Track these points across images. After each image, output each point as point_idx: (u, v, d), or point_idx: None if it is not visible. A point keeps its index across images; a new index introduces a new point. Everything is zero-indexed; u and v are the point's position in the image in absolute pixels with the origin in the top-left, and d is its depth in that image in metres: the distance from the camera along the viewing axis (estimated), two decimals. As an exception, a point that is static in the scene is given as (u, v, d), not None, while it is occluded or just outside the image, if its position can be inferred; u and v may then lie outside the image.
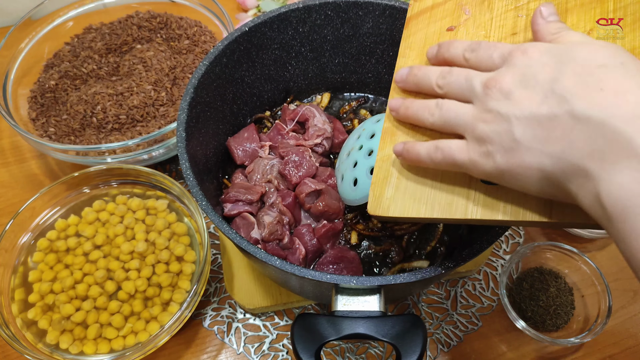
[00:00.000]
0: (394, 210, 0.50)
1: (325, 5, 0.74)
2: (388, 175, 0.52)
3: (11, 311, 0.69)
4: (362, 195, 0.67)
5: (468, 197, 0.47)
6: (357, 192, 0.68)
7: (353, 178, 0.69)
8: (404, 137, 0.53)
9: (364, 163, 0.67)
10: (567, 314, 0.75)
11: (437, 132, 0.49)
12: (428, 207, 0.48)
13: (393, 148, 0.52)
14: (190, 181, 0.59)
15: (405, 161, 0.51)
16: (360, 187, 0.67)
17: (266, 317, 0.77)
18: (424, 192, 0.49)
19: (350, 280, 0.52)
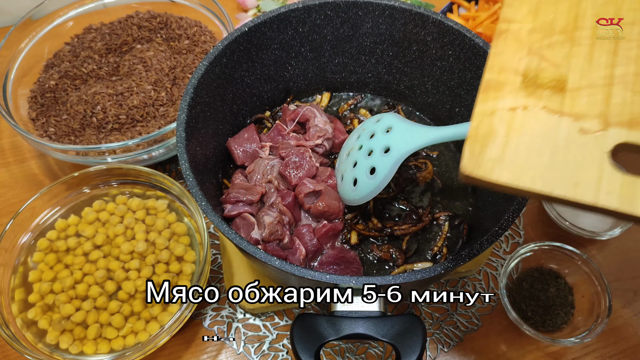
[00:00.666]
0: (499, 175, 0.40)
1: (324, 5, 0.74)
2: (492, 132, 0.43)
3: (11, 311, 0.69)
4: (362, 195, 0.67)
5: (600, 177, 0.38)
6: (357, 192, 0.68)
7: (353, 178, 0.68)
8: (511, 89, 0.45)
9: (364, 163, 0.67)
10: (567, 314, 0.75)
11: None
12: (546, 180, 0.39)
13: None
14: (190, 181, 0.59)
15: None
16: (360, 187, 0.67)
17: (266, 317, 0.77)
18: (540, 161, 0.40)
19: (350, 281, 0.52)
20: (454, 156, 0.84)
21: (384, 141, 0.65)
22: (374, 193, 0.66)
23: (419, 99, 0.86)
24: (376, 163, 0.65)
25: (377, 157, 0.65)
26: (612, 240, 0.86)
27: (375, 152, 0.65)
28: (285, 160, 0.74)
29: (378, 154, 0.65)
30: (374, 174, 0.65)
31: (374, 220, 0.75)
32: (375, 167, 0.65)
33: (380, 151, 0.65)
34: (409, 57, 0.80)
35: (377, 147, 0.65)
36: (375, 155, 0.65)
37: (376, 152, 0.65)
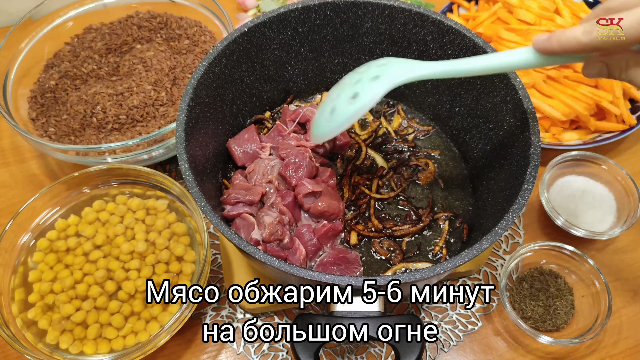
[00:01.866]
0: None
1: (324, 5, 0.74)
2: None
3: (11, 311, 0.69)
4: (336, 123, 0.59)
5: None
6: (331, 121, 0.59)
7: (331, 107, 0.60)
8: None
9: (347, 90, 0.59)
10: (567, 314, 0.75)
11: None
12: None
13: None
14: (190, 182, 0.59)
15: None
16: (337, 114, 0.59)
17: (266, 317, 0.77)
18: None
19: (349, 281, 0.52)
20: (454, 156, 0.84)
21: (375, 71, 0.58)
22: (350, 120, 0.57)
23: (419, 98, 0.86)
24: (359, 88, 0.57)
25: (364, 83, 0.57)
26: (612, 240, 0.86)
27: (363, 80, 0.58)
28: (286, 161, 0.74)
29: (365, 81, 0.57)
30: (355, 99, 0.57)
31: (374, 221, 0.75)
32: (358, 92, 0.57)
33: (368, 79, 0.57)
34: (409, 56, 0.80)
35: (366, 76, 0.58)
36: (361, 82, 0.58)
37: (363, 80, 0.58)
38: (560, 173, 0.89)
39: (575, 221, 0.83)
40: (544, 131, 0.94)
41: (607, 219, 0.85)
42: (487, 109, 0.75)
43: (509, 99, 0.68)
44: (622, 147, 0.98)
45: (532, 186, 0.59)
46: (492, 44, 0.98)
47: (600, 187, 0.88)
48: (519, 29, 0.96)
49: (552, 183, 0.88)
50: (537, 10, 0.97)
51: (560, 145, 0.90)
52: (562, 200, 0.86)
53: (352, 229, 0.75)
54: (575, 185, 0.88)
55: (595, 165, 0.88)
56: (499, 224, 0.57)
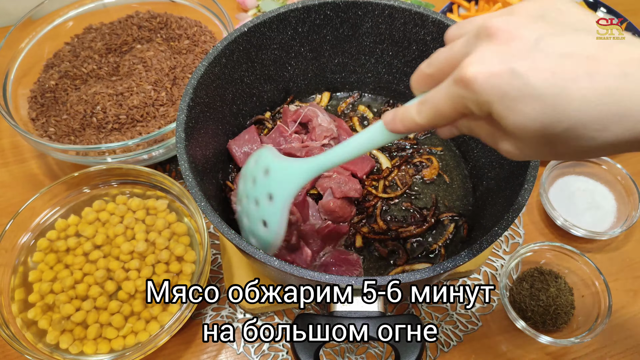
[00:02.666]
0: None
1: (324, 5, 0.74)
2: None
3: (11, 311, 0.69)
4: (265, 245, 0.61)
5: None
6: (261, 244, 0.62)
7: (251, 231, 0.63)
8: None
9: (255, 215, 0.61)
10: (567, 314, 0.75)
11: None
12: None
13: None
14: (190, 182, 0.59)
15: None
16: (261, 239, 0.61)
17: (266, 317, 0.77)
18: None
19: (349, 281, 0.52)
20: (454, 156, 0.84)
21: (266, 187, 0.59)
22: (276, 243, 0.60)
23: (419, 99, 0.86)
24: (264, 214, 0.59)
25: (264, 207, 0.59)
26: (612, 240, 0.86)
27: (261, 201, 0.59)
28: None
29: (265, 203, 0.59)
30: (267, 227, 0.59)
31: (380, 222, 0.75)
32: (265, 220, 0.59)
33: (265, 199, 0.59)
34: (409, 56, 0.80)
35: (261, 196, 0.59)
36: (262, 205, 0.59)
37: (262, 201, 0.59)
38: (560, 173, 0.89)
39: (575, 221, 0.83)
40: (544, 131, 0.94)
41: (607, 219, 0.85)
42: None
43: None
44: (622, 147, 0.97)
45: (532, 186, 0.59)
46: (492, 43, 0.97)
47: (600, 187, 0.88)
48: (519, 29, 0.96)
49: (552, 183, 0.88)
50: (537, 10, 0.97)
51: (560, 145, 0.90)
52: (562, 200, 0.86)
53: (357, 232, 0.75)
54: (575, 185, 0.88)
55: (595, 165, 0.88)
56: (499, 223, 0.57)
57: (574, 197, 0.87)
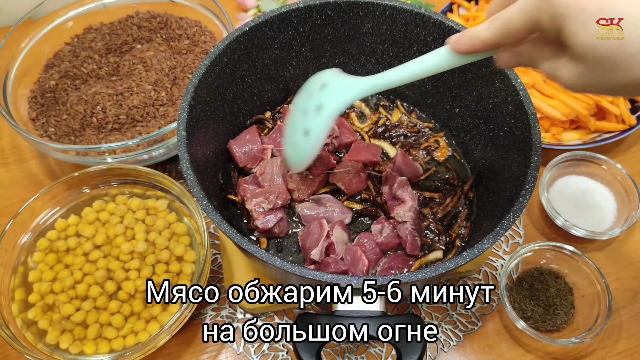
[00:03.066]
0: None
1: (325, 5, 0.74)
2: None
3: (11, 311, 0.69)
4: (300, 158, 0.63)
5: None
6: (296, 156, 0.63)
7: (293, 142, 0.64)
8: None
9: (299, 125, 0.62)
10: (567, 314, 0.75)
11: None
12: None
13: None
14: (191, 181, 0.59)
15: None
16: (298, 150, 0.63)
17: (266, 317, 0.77)
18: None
19: (349, 281, 0.52)
20: (455, 155, 0.84)
21: (317, 100, 0.60)
22: (310, 155, 0.61)
23: (419, 99, 0.86)
24: (308, 124, 0.60)
25: (310, 118, 0.60)
26: (612, 240, 0.86)
27: (309, 112, 0.60)
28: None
29: (311, 114, 0.60)
30: (308, 136, 0.60)
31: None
32: (309, 128, 0.60)
33: (313, 111, 0.60)
34: (410, 57, 0.79)
35: (311, 107, 0.60)
36: (308, 116, 0.60)
37: (310, 112, 0.60)
38: (560, 173, 0.89)
39: (575, 221, 0.83)
40: (544, 131, 0.94)
41: (607, 219, 0.85)
42: (487, 110, 0.75)
43: (509, 100, 0.68)
44: (622, 147, 0.98)
45: (533, 187, 0.59)
46: (492, 44, 0.97)
47: (600, 187, 0.88)
48: (519, 30, 0.96)
49: (552, 183, 0.88)
50: (537, 10, 0.97)
51: (560, 145, 0.90)
52: (562, 200, 0.87)
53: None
54: (575, 185, 0.88)
55: (595, 165, 0.88)
56: (500, 224, 0.57)
57: (574, 197, 0.87)
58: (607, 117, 0.94)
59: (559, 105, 0.91)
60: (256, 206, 0.71)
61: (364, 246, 0.70)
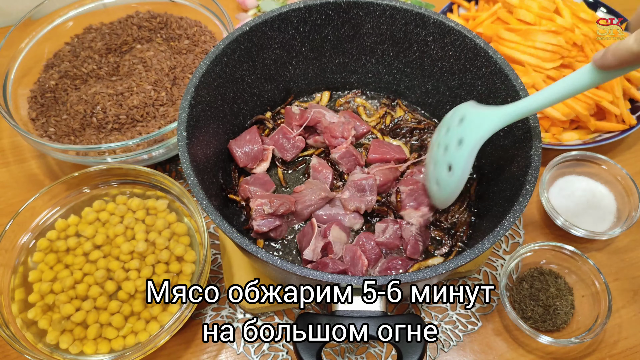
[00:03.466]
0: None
1: (326, 5, 0.74)
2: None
3: (11, 311, 0.69)
4: (446, 194, 0.65)
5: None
6: (441, 192, 0.66)
7: (435, 178, 0.67)
8: None
9: (442, 160, 0.64)
10: (567, 314, 0.75)
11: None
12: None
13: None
14: (191, 180, 0.59)
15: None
16: (443, 186, 0.65)
17: (266, 317, 0.77)
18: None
19: (349, 281, 0.52)
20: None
21: (457, 133, 0.61)
22: (456, 190, 0.63)
23: (419, 99, 0.86)
24: (451, 158, 0.62)
25: (452, 152, 0.61)
26: (612, 240, 0.86)
27: (450, 147, 0.62)
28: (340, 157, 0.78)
29: (453, 149, 0.61)
30: (451, 171, 0.62)
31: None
32: (452, 163, 0.62)
33: (454, 145, 0.61)
34: (410, 57, 0.80)
35: (452, 142, 0.62)
36: (450, 151, 0.62)
37: (451, 146, 0.62)
38: (560, 173, 0.89)
39: (575, 221, 0.83)
40: (544, 131, 0.94)
41: (607, 218, 0.85)
42: (487, 109, 0.75)
43: (509, 100, 0.68)
44: (622, 147, 0.98)
45: (534, 187, 0.59)
46: (492, 44, 0.98)
47: (600, 187, 0.88)
48: (519, 29, 0.96)
49: (552, 183, 0.88)
50: (537, 10, 0.97)
51: (560, 145, 0.90)
52: (562, 200, 0.87)
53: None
54: (575, 185, 0.88)
55: (595, 165, 0.88)
56: (501, 224, 0.57)
57: (573, 197, 0.87)
58: (607, 117, 0.94)
59: (559, 105, 0.91)
60: (259, 206, 0.71)
61: (363, 246, 0.70)
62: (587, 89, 0.52)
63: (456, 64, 0.75)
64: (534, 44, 0.93)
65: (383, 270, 0.70)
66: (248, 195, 0.75)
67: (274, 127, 0.84)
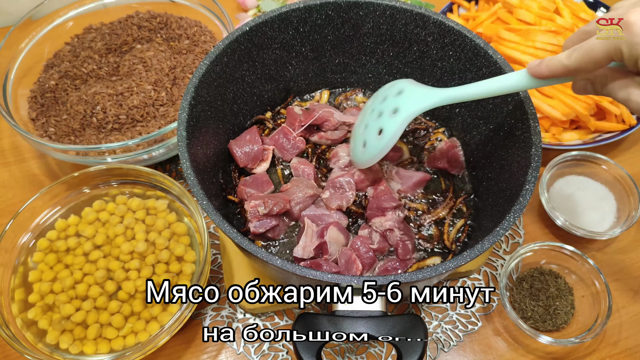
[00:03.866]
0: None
1: (326, 5, 0.74)
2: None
3: (11, 311, 0.69)
4: (370, 155, 0.68)
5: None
6: (366, 154, 0.69)
7: (363, 140, 0.71)
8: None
9: (373, 125, 0.68)
10: (567, 314, 0.75)
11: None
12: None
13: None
14: (191, 180, 0.59)
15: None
16: (369, 148, 0.69)
17: (266, 317, 0.77)
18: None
19: (350, 281, 0.52)
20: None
21: (394, 103, 0.66)
22: (381, 153, 0.67)
23: (419, 99, 0.86)
24: (384, 124, 0.66)
25: (385, 118, 0.66)
26: (612, 240, 0.86)
27: (384, 113, 0.67)
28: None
29: (386, 115, 0.66)
30: (381, 135, 0.66)
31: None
32: (383, 128, 0.66)
33: (389, 113, 0.66)
34: (410, 57, 0.80)
35: (387, 109, 0.67)
36: (383, 117, 0.66)
37: (385, 113, 0.66)
38: (560, 173, 0.89)
39: (576, 221, 0.83)
40: (544, 131, 0.94)
41: (607, 218, 0.85)
42: (487, 110, 0.75)
43: (509, 100, 0.68)
44: (622, 147, 0.98)
45: (534, 187, 0.59)
46: (492, 44, 0.98)
47: (600, 187, 0.88)
48: (519, 29, 0.96)
49: (552, 183, 0.88)
50: (537, 10, 0.97)
51: (560, 145, 0.90)
52: (562, 200, 0.87)
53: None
54: (575, 185, 0.88)
55: (595, 165, 0.88)
56: (501, 224, 0.57)
57: (574, 197, 0.87)
58: (607, 117, 0.94)
59: (559, 105, 0.91)
60: (253, 208, 0.71)
61: (358, 250, 0.70)
62: (519, 90, 0.58)
63: (456, 64, 0.75)
64: (534, 44, 0.93)
65: (383, 270, 0.70)
66: (244, 197, 0.75)
67: (274, 127, 0.84)
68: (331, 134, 0.81)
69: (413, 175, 0.78)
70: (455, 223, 0.76)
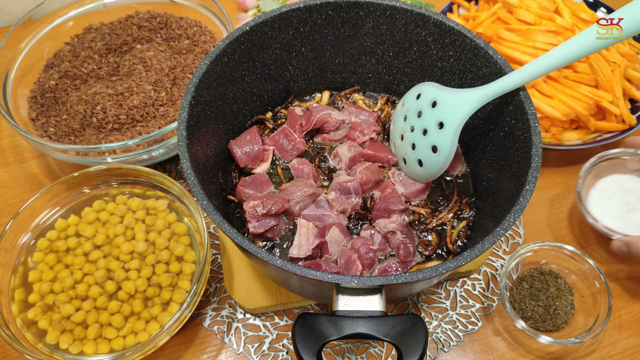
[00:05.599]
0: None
1: (326, 5, 0.74)
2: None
3: (11, 311, 0.69)
4: (432, 172, 0.70)
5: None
6: (427, 170, 0.71)
7: (416, 159, 0.72)
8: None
9: (423, 143, 0.69)
10: (567, 314, 0.75)
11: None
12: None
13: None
14: (192, 180, 0.59)
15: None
16: (428, 165, 0.70)
17: (266, 317, 0.77)
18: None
19: (351, 280, 0.52)
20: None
21: (435, 117, 0.67)
22: (442, 168, 0.69)
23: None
24: (435, 141, 0.67)
25: (435, 135, 0.67)
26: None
27: (430, 130, 0.67)
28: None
29: (434, 132, 0.67)
30: (437, 152, 0.68)
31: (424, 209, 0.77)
32: (436, 145, 0.67)
33: (434, 128, 0.67)
34: (410, 57, 0.80)
35: (430, 125, 0.68)
36: (431, 133, 0.67)
37: (431, 129, 0.67)
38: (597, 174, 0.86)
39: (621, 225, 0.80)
40: (544, 131, 0.94)
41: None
42: (487, 110, 0.75)
43: (509, 101, 0.68)
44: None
45: (534, 187, 0.59)
46: (492, 44, 0.98)
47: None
48: (518, 29, 0.96)
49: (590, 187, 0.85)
50: (537, 10, 0.97)
51: (560, 145, 0.90)
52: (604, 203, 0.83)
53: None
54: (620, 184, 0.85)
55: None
56: (501, 224, 0.57)
57: (615, 198, 0.84)
58: (607, 117, 0.94)
59: (559, 105, 0.91)
60: (251, 209, 0.70)
61: (358, 251, 0.70)
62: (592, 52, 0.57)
63: (456, 64, 0.75)
64: (534, 44, 0.93)
65: (382, 271, 0.70)
66: (243, 198, 0.75)
67: (275, 127, 0.84)
68: (334, 135, 0.81)
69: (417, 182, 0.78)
70: (456, 226, 0.76)
